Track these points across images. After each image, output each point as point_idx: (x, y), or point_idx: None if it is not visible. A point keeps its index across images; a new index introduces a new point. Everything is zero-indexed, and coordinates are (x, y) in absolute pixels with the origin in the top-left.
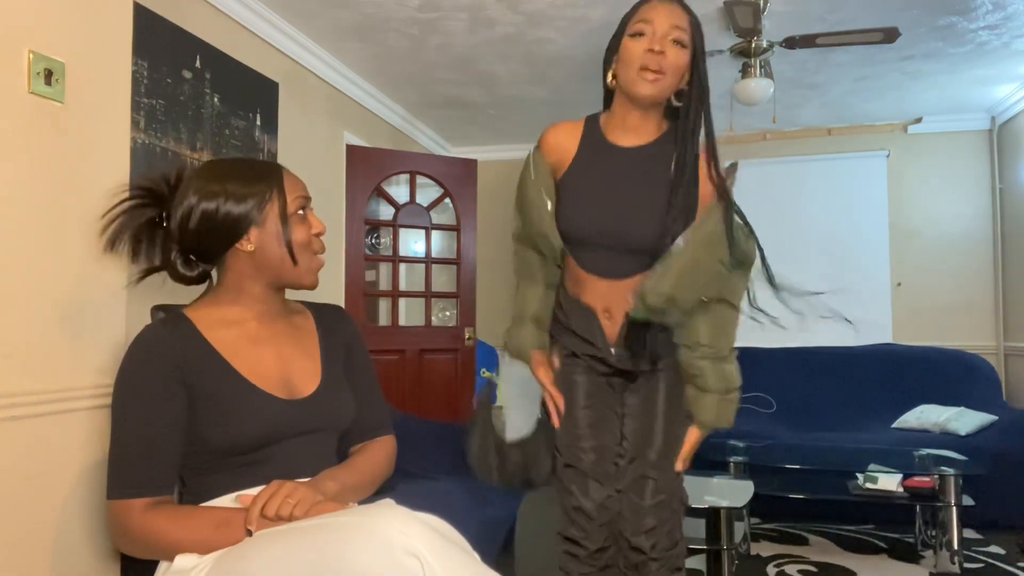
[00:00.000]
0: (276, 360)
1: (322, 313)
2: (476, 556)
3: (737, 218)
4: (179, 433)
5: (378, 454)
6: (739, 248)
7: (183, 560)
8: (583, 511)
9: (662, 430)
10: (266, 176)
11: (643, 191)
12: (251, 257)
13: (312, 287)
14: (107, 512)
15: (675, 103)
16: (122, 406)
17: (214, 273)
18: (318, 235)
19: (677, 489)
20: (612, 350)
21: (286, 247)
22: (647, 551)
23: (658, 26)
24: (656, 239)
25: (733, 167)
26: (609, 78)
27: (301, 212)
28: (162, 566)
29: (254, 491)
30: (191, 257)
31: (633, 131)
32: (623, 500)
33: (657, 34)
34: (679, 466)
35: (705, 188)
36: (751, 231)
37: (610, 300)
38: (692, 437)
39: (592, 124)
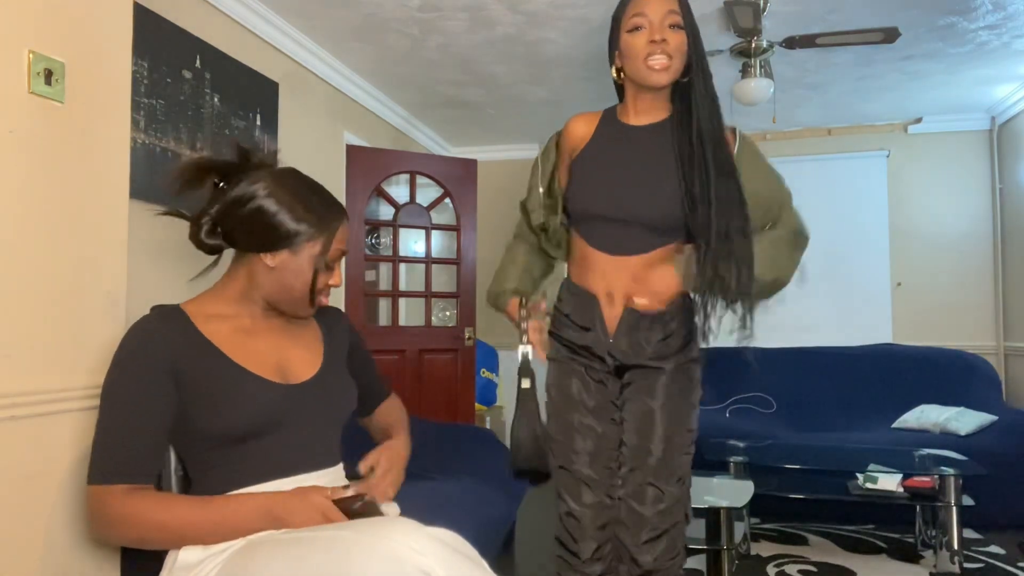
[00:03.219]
0: (272, 348)
1: (323, 313)
2: (489, 570)
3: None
4: (164, 425)
5: (395, 412)
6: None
7: (188, 555)
8: (574, 516)
9: (662, 438)
10: (327, 216)
11: (655, 165)
12: (267, 272)
13: (304, 317)
14: (87, 497)
15: (681, 80)
16: (110, 395)
17: (229, 265)
18: (334, 286)
19: (682, 498)
20: (610, 339)
21: (308, 287)
22: (648, 564)
23: (653, 16)
24: (665, 211)
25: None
26: (614, 73)
27: (335, 263)
28: (167, 563)
29: (260, 487)
30: (219, 231)
31: (645, 112)
32: (623, 508)
33: (655, 24)
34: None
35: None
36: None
37: (613, 282)
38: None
39: (609, 111)
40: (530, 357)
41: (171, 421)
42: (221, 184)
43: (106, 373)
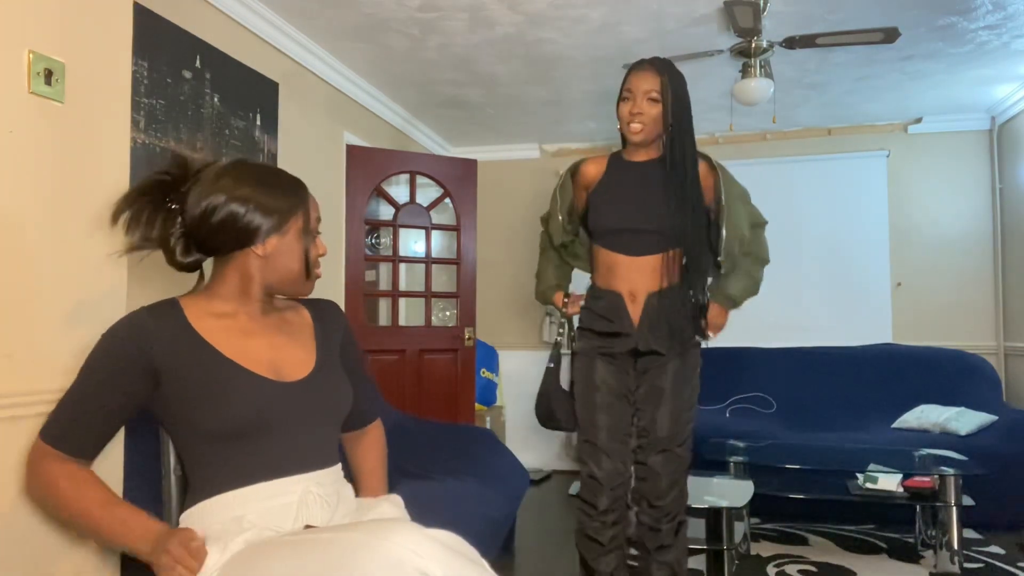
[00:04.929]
0: (267, 348)
1: (318, 308)
2: (490, 570)
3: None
4: (116, 416)
5: (374, 455)
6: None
7: None
8: (595, 478)
9: (670, 413)
10: (293, 192)
11: (655, 188)
12: (261, 262)
13: (307, 296)
14: (31, 446)
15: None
16: (83, 371)
17: (207, 267)
18: (322, 256)
19: (686, 457)
20: (635, 327)
21: (303, 263)
22: (666, 507)
23: (636, 92)
24: (665, 220)
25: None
26: (619, 126)
27: (317, 233)
28: None
29: (257, 487)
30: (192, 247)
31: (642, 153)
32: (643, 470)
33: (636, 98)
34: (711, 334)
35: (707, 182)
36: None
37: (635, 280)
38: (715, 313)
39: (614, 154)
40: (562, 347)
41: (128, 414)
42: (172, 204)
43: (92, 348)
